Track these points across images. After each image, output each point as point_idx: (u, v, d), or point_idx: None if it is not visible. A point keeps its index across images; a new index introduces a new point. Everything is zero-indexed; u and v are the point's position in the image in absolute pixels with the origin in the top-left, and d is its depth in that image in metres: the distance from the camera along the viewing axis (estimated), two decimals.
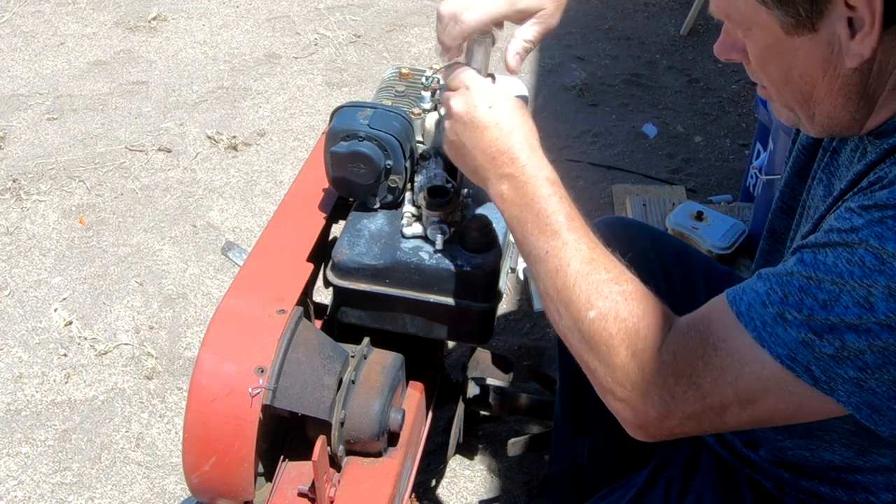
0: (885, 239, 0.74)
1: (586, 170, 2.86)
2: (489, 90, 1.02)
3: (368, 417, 1.21)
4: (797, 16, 0.79)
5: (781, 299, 0.79)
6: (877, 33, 0.77)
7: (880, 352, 0.76)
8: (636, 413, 0.89)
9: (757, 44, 0.86)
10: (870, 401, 0.79)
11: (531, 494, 1.86)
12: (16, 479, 1.90)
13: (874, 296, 0.74)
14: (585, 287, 0.91)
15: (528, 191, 0.97)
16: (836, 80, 0.83)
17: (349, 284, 1.20)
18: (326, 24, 3.72)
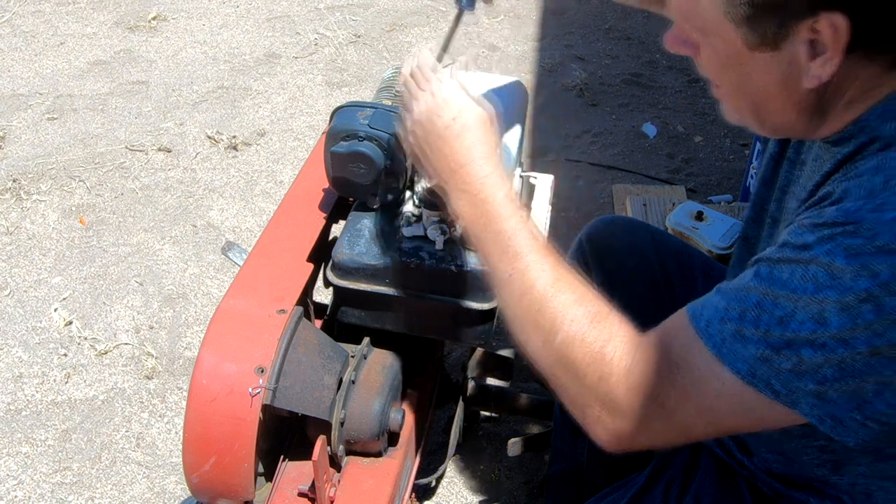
0: (834, 255, 0.75)
1: (586, 170, 2.85)
2: (455, 98, 0.99)
3: (368, 417, 1.21)
4: (763, 36, 0.81)
5: (739, 315, 0.81)
6: (838, 59, 0.79)
7: (837, 365, 0.77)
8: (607, 432, 0.89)
9: (715, 51, 0.86)
10: (832, 412, 0.80)
11: (531, 494, 1.86)
12: (16, 479, 1.90)
13: (827, 311, 0.76)
14: (551, 310, 0.90)
15: (487, 209, 0.95)
16: (791, 97, 0.85)
17: (349, 284, 1.20)
18: (326, 24, 3.72)
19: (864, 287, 0.74)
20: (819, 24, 0.77)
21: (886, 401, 0.79)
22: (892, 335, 0.75)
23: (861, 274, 0.74)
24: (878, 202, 0.76)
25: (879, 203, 0.76)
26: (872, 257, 0.74)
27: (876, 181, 0.78)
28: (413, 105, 1.01)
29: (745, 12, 0.80)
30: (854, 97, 0.84)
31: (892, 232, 0.74)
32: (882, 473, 0.96)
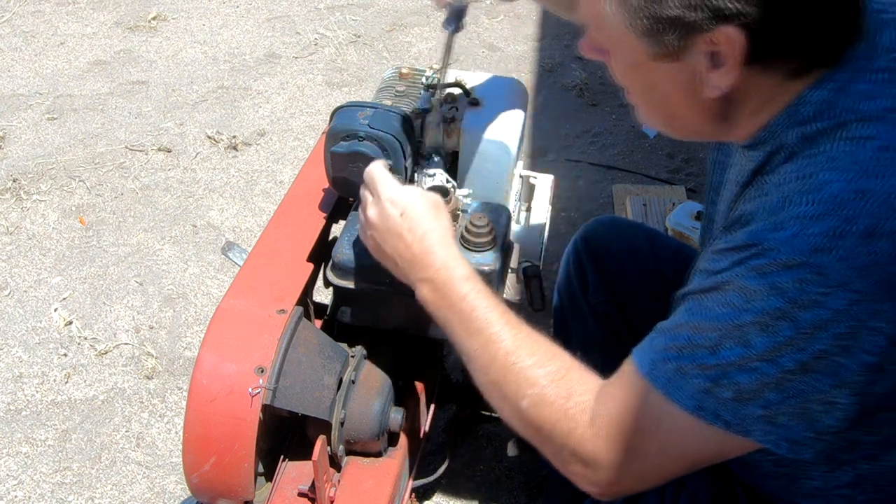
0: (746, 278, 0.79)
1: (586, 170, 2.85)
2: (399, 196, 1.05)
3: (368, 417, 1.21)
4: (663, 47, 0.84)
5: (677, 354, 0.84)
6: (737, 71, 0.82)
7: (775, 387, 0.80)
8: (589, 483, 0.93)
9: (623, 60, 0.90)
10: (786, 435, 0.82)
11: (531, 494, 1.86)
12: (16, 479, 1.90)
13: (749, 334, 0.79)
14: (514, 378, 0.94)
15: (446, 292, 1.00)
16: (696, 105, 0.89)
17: (349, 284, 1.20)
18: (326, 24, 3.72)
19: (776, 305, 0.77)
20: (717, 37, 0.80)
21: (835, 416, 0.81)
22: (815, 348, 0.77)
23: (771, 293, 0.77)
24: (777, 220, 0.79)
25: (779, 221, 0.79)
26: (778, 275, 0.77)
27: (776, 200, 0.81)
28: (367, 213, 1.07)
29: (645, 25, 0.83)
30: (759, 105, 0.88)
31: (790, 248, 0.77)
32: (837, 482, 0.97)
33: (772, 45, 0.81)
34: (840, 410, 0.80)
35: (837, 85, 0.84)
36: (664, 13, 0.81)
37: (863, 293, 0.75)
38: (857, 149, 0.80)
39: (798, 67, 0.84)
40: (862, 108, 0.82)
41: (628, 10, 0.84)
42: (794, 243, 0.77)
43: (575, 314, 1.55)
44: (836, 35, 0.83)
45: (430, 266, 1.02)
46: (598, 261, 1.48)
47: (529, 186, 1.50)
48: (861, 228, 0.76)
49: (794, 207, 0.79)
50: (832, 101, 0.84)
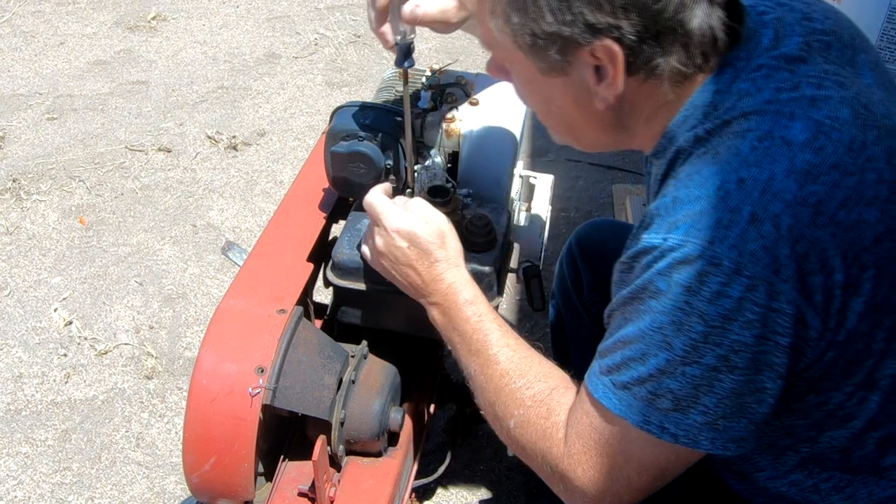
0: (654, 281, 0.82)
1: (586, 170, 2.85)
2: (405, 226, 1.07)
3: (368, 417, 1.21)
4: (548, 62, 0.88)
5: (617, 373, 0.87)
6: (620, 82, 0.86)
7: (707, 389, 0.82)
8: (572, 501, 0.95)
9: (519, 77, 0.96)
10: (731, 436, 0.85)
11: (531, 494, 1.86)
12: (16, 479, 1.90)
13: (668, 335, 0.82)
14: (504, 398, 0.99)
15: (452, 316, 1.06)
16: (590, 116, 0.93)
17: (349, 284, 1.20)
18: (326, 24, 3.72)
19: (683, 301, 0.80)
20: (596, 50, 0.84)
21: (767, 403, 0.84)
22: (730, 339, 0.80)
23: (677, 292, 0.80)
24: (671, 221, 0.83)
25: (672, 222, 0.83)
26: (680, 273, 0.80)
27: (668, 201, 0.85)
28: (374, 241, 1.11)
29: (529, 42, 0.87)
30: (651, 112, 0.92)
31: (685, 245, 0.80)
32: (785, 467, 0.99)
33: (648, 55, 0.85)
34: (770, 396, 0.84)
35: (720, 87, 0.89)
36: (543, 29, 0.85)
37: (757, 277, 0.78)
38: (738, 142, 0.84)
39: (679, 75, 0.87)
40: (743, 105, 0.86)
41: (512, 28, 0.88)
42: (688, 240, 0.80)
43: (570, 315, 1.57)
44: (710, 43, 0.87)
45: (437, 292, 1.07)
46: (592, 262, 1.49)
47: (529, 186, 1.50)
48: (746, 216, 0.79)
49: (683, 206, 0.83)
50: (717, 103, 0.88)
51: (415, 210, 1.09)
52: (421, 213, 1.08)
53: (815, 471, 0.98)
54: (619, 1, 0.82)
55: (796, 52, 0.90)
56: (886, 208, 0.83)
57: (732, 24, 0.87)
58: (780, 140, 0.83)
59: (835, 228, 0.80)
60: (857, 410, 0.91)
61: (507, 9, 0.88)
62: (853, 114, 0.85)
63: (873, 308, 0.83)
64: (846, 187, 0.81)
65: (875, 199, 0.82)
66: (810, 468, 0.98)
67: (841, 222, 0.80)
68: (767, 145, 0.83)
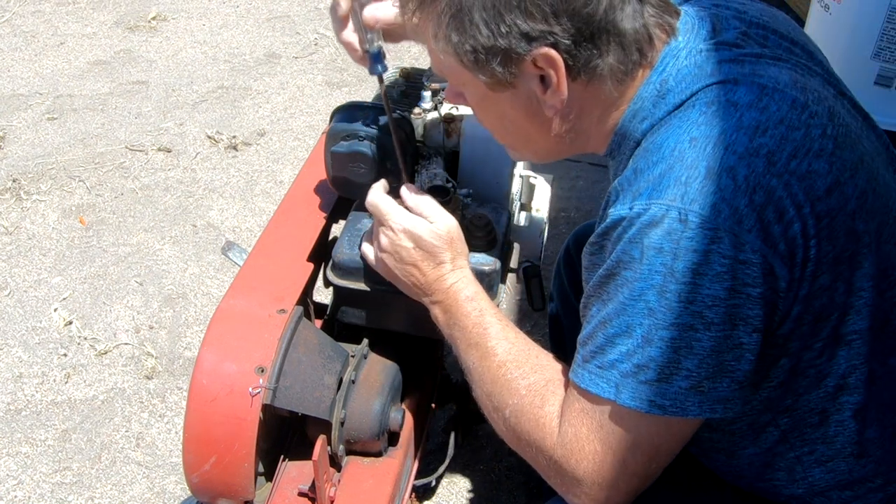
0: (626, 251, 0.84)
1: (586, 170, 2.85)
2: (410, 226, 1.08)
3: (368, 417, 1.21)
4: (494, 77, 0.91)
5: (600, 353, 0.88)
6: (563, 88, 0.89)
7: (688, 352, 0.84)
8: (571, 494, 0.96)
9: (471, 98, 0.99)
10: (716, 397, 0.86)
11: (531, 494, 1.86)
12: (16, 479, 1.90)
13: (648, 300, 0.84)
14: (500, 389, 1.00)
15: (453, 312, 1.07)
16: (543, 125, 0.95)
17: (349, 284, 1.20)
18: (326, 23, 3.72)
19: (659, 262, 0.82)
20: (537, 59, 0.87)
21: (747, 360, 0.85)
22: (703, 294, 0.82)
23: (648, 254, 0.83)
24: (634, 190, 0.86)
25: (635, 191, 0.85)
26: (649, 237, 0.83)
27: (629, 176, 0.88)
28: (380, 240, 1.11)
29: (471, 58, 0.90)
30: (602, 113, 0.95)
31: (650, 208, 0.83)
32: (768, 443, 1.00)
33: (586, 58, 0.87)
34: (748, 351, 0.85)
35: (663, 76, 0.92)
36: (481, 43, 0.88)
37: (721, 229, 0.81)
38: (687, 112, 0.88)
39: (620, 73, 0.90)
40: (689, 85, 0.90)
41: (453, 47, 0.91)
42: (652, 202, 0.83)
43: (568, 315, 1.57)
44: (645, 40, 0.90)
45: (438, 291, 1.08)
46: None
47: (529, 186, 1.50)
48: (702, 171, 0.82)
49: (642, 174, 0.86)
50: (662, 91, 0.91)
51: (421, 209, 1.09)
52: (427, 212, 1.09)
53: (796, 444, 0.99)
54: (549, 7, 0.84)
55: (733, 40, 0.94)
56: (834, 161, 0.86)
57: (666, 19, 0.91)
58: (726, 102, 0.87)
59: (788, 177, 0.83)
60: (827, 367, 0.93)
61: (446, 30, 0.90)
62: (792, 80, 0.90)
63: (832, 260, 0.86)
64: (793, 140, 0.85)
65: (821, 152, 0.86)
66: (791, 441, 0.99)
67: (794, 171, 0.83)
68: (715, 108, 0.87)
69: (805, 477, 1.01)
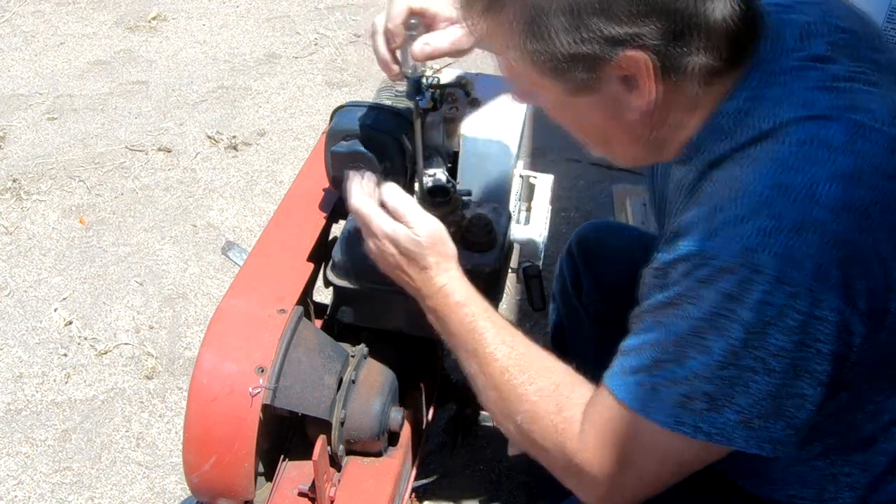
0: (694, 289, 0.81)
1: (586, 170, 2.85)
2: (393, 232, 1.05)
3: (368, 417, 1.21)
4: (577, 83, 0.86)
5: (647, 374, 0.85)
6: (652, 89, 0.84)
7: (744, 391, 0.81)
8: (588, 495, 0.95)
9: (548, 102, 0.93)
10: (767, 436, 0.83)
11: (531, 494, 1.86)
12: (16, 479, 1.90)
13: (708, 339, 0.81)
14: (507, 395, 0.98)
15: (447, 316, 1.04)
16: (622, 128, 0.91)
17: (349, 284, 1.20)
18: (326, 23, 3.72)
19: (726, 308, 0.79)
20: (622, 62, 0.82)
21: (807, 409, 0.83)
22: (770, 344, 0.79)
23: (718, 298, 0.79)
24: (711, 228, 0.81)
25: (712, 229, 0.81)
26: (721, 281, 0.79)
27: (708, 209, 0.83)
28: (370, 246, 1.09)
29: (551, 66, 0.85)
30: (681, 119, 0.90)
31: (726, 253, 0.79)
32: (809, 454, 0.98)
33: (676, 56, 0.83)
34: (810, 402, 0.82)
35: (750, 93, 0.87)
36: (561, 52, 0.83)
37: (801, 286, 0.77)
38: (776, 146, 0.83)
39: (709, 73, 0.85)
40: (778, 113, 0.85)
41: (530, 56, 0.86)
42: (729, 248, 0.79)
43: (570, 315, 1.57)
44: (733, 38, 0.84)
45: (430, 295, 1.06)
46: (592, 263, 1.49)
47: (529, 186, 1.50)
48: (788, 224, 0.78)
49: (723, 213, 0.81)
50: (748, 110, 0.86)
51: (400, 214, 1.05)
52: (407, 217, 1.05)
53: (837, 462, 0.98)
54: (637, 8, 0.79)
55: (823, 52, 0.88)
56: None
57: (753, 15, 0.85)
58: (819, 143, 0.81)
59: (879, 233, 0.79)
60: (886, 404, 0.91)
61: (520, 39, 0.85)
62: (889, 111, 0.84)
63: None
64: (888, 191, 0.80)
65: None
66: (832, 458, 0.98)
67: (884, 225, 0.80)
68: (807, 149, 0.81)
69: (835, 498, 0.99)
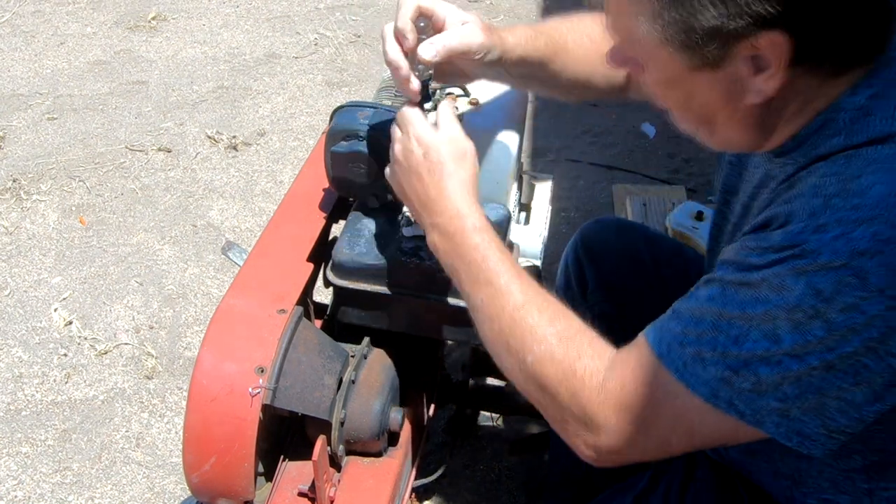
0: (783, 276, 0.78)
1: (586, 170, 2.85)
2: (426, 136, 1.01)
3: (368, 417, 1.21)
4: (703, 58, 0.81)
5: (697, 339, 0.83)
6: (782, 74, 0.80)
7: (795, 381, 0.79)
8: (587, 446, 0.92)
9: (658, 73, 0.87)
10: (798, 429, 0.82)
11: (531, 494, 1.86)
12: (16, 479, 1.90)
13: (780, 328, 0.78)
14: (520, 332, 0.93)
15: (456, 241, 0.98)
16: (736, 112, 0.86)
17: (349, 284, 1.20)
18: (326, 23, 3.72)
19: (811, 304, 0.77)
20: (759, 42, 0.78)
21: (849, 415, 0.80)
22: (843, 349, 0.77)
23: (807, 292, 0.77)
24: (819, 223, 0.78)
25: (820, 224, 0.78)
26: (816, 275, 0.76)
27: (817, 203, 0.80)
28: (393, 147, 1.04)
29: (683, 38, 0.81)
30: (796, 110, 0.85)
31: (832, 250, 0.76)
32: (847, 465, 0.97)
33: (814, 45, 0.79)
34: (855, 410, 0.80)
35: (874, 90, 0.83)
36: (702, 24, 0.79)
37: None
38: None
39: (838, 67, 0.82)
40: None
41: (663, 25, 0.81)
42: (836, 246, 0.76)
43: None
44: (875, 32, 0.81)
45: (442, 212, 0.99)
46: (597, 261, 1.48)
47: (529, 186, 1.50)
48: None
49: (836, 211, 0.78)
50: (869, 108, 0.82)
51: (443, 128, 1.02)
52: (448, 132, 1.02)
53: (875, 477, 0.96)
54: None
55: None
56: None
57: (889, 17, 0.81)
58: None
59: None
60: None
61: (661, 6, 0.80)
62: None
63: None
64: None
65: None
66: (871, 475, 0.96)
67: None
68: None
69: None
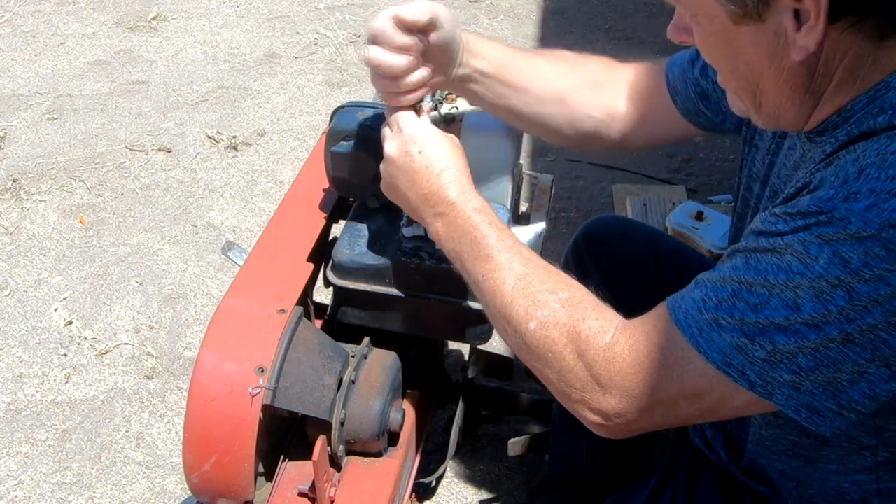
0: (808, 244, 0.77)
1: (586, 170, 2.85)
2: (419, 134, 1.04)
3: (368, 417, 1.21)
4: (744, 6, 0.80)
5: (716, 305, 0.83)
6: (822, 27, 0.77)
7: (811, 353, 0.78)
8: (593, 412, 0.91)
9: (703, 31, 0.87)
10: (808, 403, 0.81)
11: (531, 494, 1.86)
12: (16, 479, 1.90)
13: (801, 297, 0.77)
14: (523, 301, 0.94)
15: (459, 224, 1.01)
16: (782, 72, 0.84)
17: (349, 284, 1.21)
18: (326, 23, 3.72)
19: (835, 274, 0.75)
20: None
21: (862, 390, 0.79)
22: (864, 321, 0.76)
23: (833, 261, 0.75)
24: (850, 191, 0.76)
25: (853, 192, 0.76)
26: (844, 245, 0.75)
27: (851, 170, 0.78)
28: (386, 147, 1.06)
29: None
30: (844, 78, 0.83)
31: (863, 220, 0.74)
32: (855, 465, 0.96)
33: None
34: (868, 385, 0.79)
35: None
36: None
37: None
38: None
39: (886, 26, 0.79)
40: None
41: None
42: (867, 216, 0.74)
43: None
44: None
45: (444, 201, 1.02)
46: (599, 259, 1.48)
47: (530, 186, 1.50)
48: None
49: (870, 181, 0.76)
50: None
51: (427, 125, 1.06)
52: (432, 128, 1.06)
53: (884, 477, 0.95)
54: None
55: None
56: None
57: None
58: None
59: None
60: None
61: None
62: None
63: None
64: None
65: None
66: (880, 473, 0.95)
67: None
68: None
69: None
